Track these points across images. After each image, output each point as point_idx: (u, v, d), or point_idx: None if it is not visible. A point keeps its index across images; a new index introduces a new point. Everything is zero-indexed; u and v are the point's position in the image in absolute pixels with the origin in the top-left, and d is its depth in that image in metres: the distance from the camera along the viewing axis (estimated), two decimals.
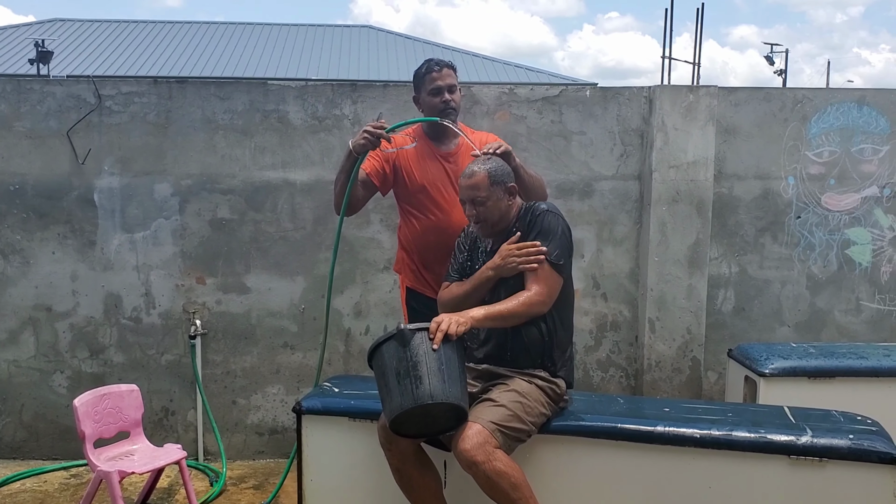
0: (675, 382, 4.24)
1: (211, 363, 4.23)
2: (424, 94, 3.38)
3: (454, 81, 3.37)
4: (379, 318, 4.23)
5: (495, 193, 2.86)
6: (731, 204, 4.28)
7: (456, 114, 3.37)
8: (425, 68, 3.39)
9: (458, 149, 3.40)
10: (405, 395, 2.55)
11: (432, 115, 3.36)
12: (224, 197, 4.13)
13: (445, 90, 3.33)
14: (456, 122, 3.39)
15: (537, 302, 2.77)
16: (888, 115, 4.22)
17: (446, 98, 3.32)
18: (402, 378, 2.57)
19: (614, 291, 4.30)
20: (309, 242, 4.16)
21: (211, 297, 4.19)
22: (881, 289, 4.33)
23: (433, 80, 3.34)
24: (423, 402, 2.51)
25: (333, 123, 4.09)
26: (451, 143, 3.40)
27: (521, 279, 2.82)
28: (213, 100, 4.07)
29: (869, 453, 2.67)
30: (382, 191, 3.48)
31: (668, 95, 4.11)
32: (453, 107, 3.34)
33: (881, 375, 3.51)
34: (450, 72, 3.37)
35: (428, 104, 3.38)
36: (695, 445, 2.78)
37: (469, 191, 2.86)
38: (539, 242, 2.80)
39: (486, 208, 2.86)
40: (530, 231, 2.85)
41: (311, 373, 4.20)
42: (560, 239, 2.84)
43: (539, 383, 2.83)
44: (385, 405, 2.65)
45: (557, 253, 2.82)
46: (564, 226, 2.89)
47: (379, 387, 2.68)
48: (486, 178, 2.84)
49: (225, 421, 4.27)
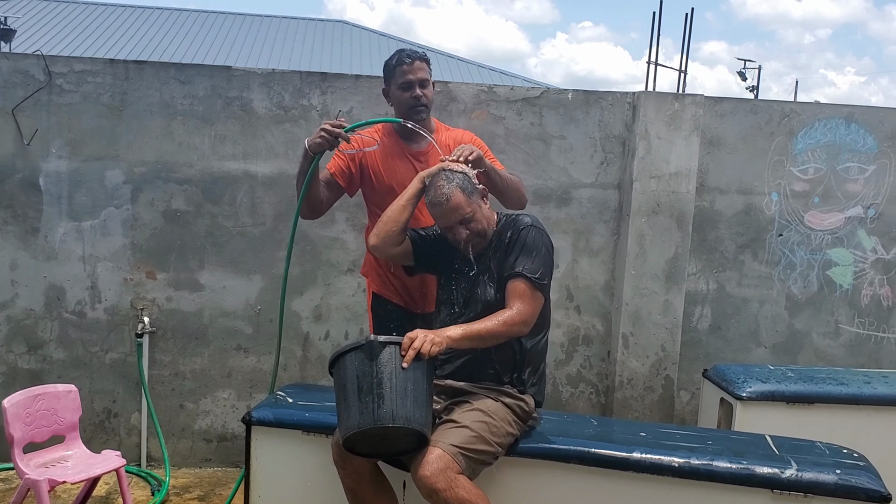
0: (646, 401, 4.08)
1: (158, 364, 3.97)
2: (394, 88, 3.15)
3: (426, 76, 3.14)
4: (340, 322, 4.00)
5: (476, 203, 2.69)
6: (712, 218, 4.12)
7: (427, 111, 3.16)
8: (396, 59, 3.14)
9: (430, 147, 3.17)
10: (364, 413, 2.34)
11: (401, 111, 3.14)
12: (180, 187, 3.87)
13: (416, 84, 3.10)
14: (428, 119, 3.19)
15: (519, 322, 2.57)
16: (876, 133, 4.09)
17: (417, 93, 3.10)
18: (364, 394, 2.36)
19: (588, 304, 4.13)
20: (268, 239, 3.92)
21: (161, 293, 3.92)
22: (861, 312, 4.20)
23: (404, 73, 3.11)
24: (383, 424, 2.31)
25: (300, 114, 3.86)
26: (422, 141, 3.17)
27: (500, 298, 2.64)
28: (172, 83, 3.82)
29: (856, 490, 2.53)
30: (349, 191, 3.26)
31: (652, 102, 3.95)
32: (424, 103, 3.12)
33: (861, 403, 3.39)
34: (422, 65, 3.13)
35: (397, 99, 3.15)
36: (673, 475, 2.63)
37: (452, 214, 2.66)
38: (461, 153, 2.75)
39: (476, 221, 2.68)
40: (513, 247, 2.66)
41: (266, 378, 3.96)
42: (544, 257, 2.66)
43: (506, 400, 2.64)
44: (341, 421, 2.44)
45: (541, 272, 2.63)
46: (548, 243, 2.71)
47: (337, 399, 2.47)
48: (461, 195, 2.65)
49: (171, 425, 4.01)
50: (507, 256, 2.65)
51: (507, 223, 2.75)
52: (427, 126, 3.20)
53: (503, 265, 2.66)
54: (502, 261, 2.67)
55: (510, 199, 3.14)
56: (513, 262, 2.63)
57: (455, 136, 3.27)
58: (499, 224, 2.77)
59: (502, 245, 2.69)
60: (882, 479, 2.63)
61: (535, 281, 2.61)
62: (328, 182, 3.19)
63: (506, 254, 2.66)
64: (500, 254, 2.69)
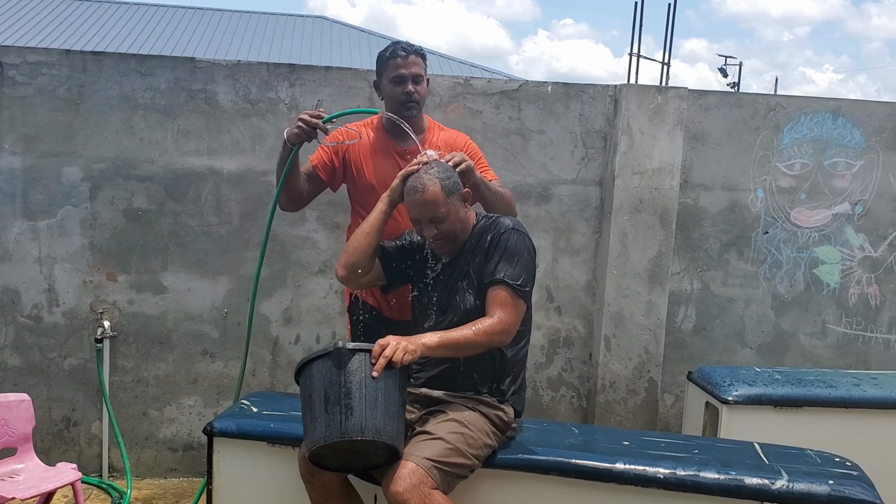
0: (629, 405, 3.94)
1: (120, 370, 3.78)
2: (386, 81, 3.01)
3: (421, 71, 3.01)
4: (311, 325, 3.83)
5: (454, 205, 2.52)
6: (696, 216, 3.99)
7: (419, 107, 3.03)
8: (390, 52, 3.00)
9: (421, 145, 3.00)
10: (331, 425, 2.18)
11: (392, 106, 3.00)
12: (141, 184, 3.68)
13: (409, 80, 2.97)
14: (420, 116, 3.05)
15: (500, 332, 2.42)
16: (863, 128, 3.98)
17: (409, 89, 2.96)
18: (331, 405, 2.20)
19: (569, 305, 3.98)
20: (235, 239, 3.74)
21: (122, 295, 3.74)
22: (848, 312, 4.09)
23: (397, 66, 2.97)
24: (350, 438, 2.15)
25: (267, 108, 3.68)
26: (410, 139, 3.00)
27: (480, 305, 2.48)
28: (132, 75, 3.63)
29: (850, 501, 2.40)
30: (332, 186, 3.12)
31: (634, 95, 3.81)
32: (416, 100, 2.98)
33: (850, 406, 3.28)
34: (417, 59, 3.00)
35: (389, 93, 3.01)
36: (658, 486, 2.49)
37: (424, 208, 2.50)
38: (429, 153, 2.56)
39: (448, 223, 2.52)
40: (494, 251, 2.50)
41: (232, 383, 3.79)
42: (526, 262, 2.51)
43: (484, 410, 2.49)
44: (307, 433, 2.28)
45: (523, 278, 2.49)
46: (531, 247, 2.56)
47: (303, 410, 2.32)
48: (440, 190, 2.49)
49: (134, 434, 3.83)
50: (488, 262, 2.50)
51: (486, 225, 2.59)
52: (419, 124, 3.07)
53: (483, 271, 2.50)
54: (482, 266, 2.51)
55: (498, 213, 2.96)
56: (493, 268, 2.48)
57: (448, 138, 3.11)
58: (477, 225, 2.61)
59: (482, 249, 2.54)
60: (875, 486, 2.52)
61: (517, 288, 2.46)
62: (310, 174, 3.06)
63: (486, 259, 2.51)
64: (479, 258, 2.53)
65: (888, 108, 4.01)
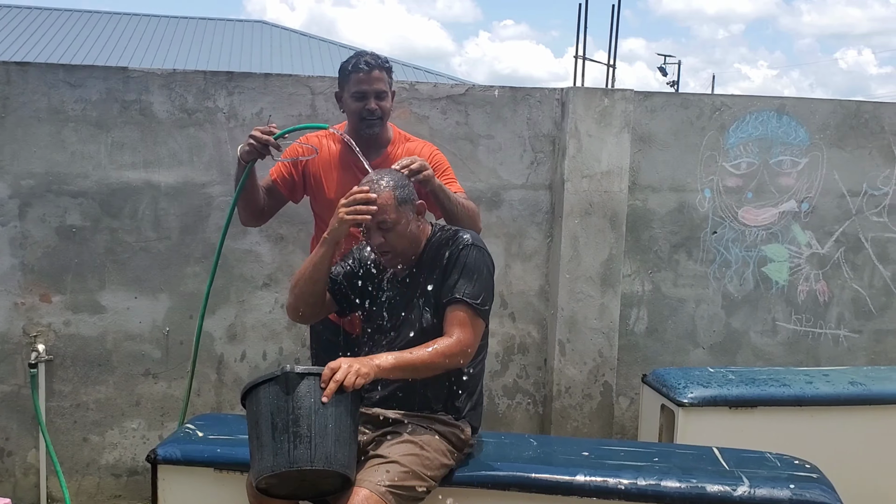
0: (585, 410, 3.91)
1: (58, 394, 3.61)
2: (347, 96, 2.89)
3: (384, 87, 2.89)
4: (257, 342, 3.71)
5: (405, 215, 2.41)
6: (646, 217, 3.98)
7: (382, 123, 2.91)
8: (352, 65, 2.87)
9: (385, 158, 2.94)
10: (279, 454, 2.08)
11: (352, 121, 2.90)
12: (74, 200, 3.52)
13: (372, 96, 2.84)
14: (384, 128, 2.95)
15: (458, 352, 2.33)
16: (807, 125, 4.01)
17: (371, 106, 2.85)
18: (279, 433, 2.10)
19: (523, 311, 3.93)
20: (175, 254, 3.60)
21: (58, 317, 3.57)
22: (798, 309, 4.12)
23: (359, 81, 2.85)
24: (299, 467, 2.05)
25: (205, 117, 3.55)
26: (374, 151, 2.92)
27: (438, 322, 2.40)
28: (61, 87, 3.47)
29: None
30: (293, 199, 3.03)
31: (581, 99, 3.78)
32: (379, 116, 2.87)
33: (804, 404, 3.29)
34: (381, 74, 2.87)
35: (350, 108, 2.89)
36: (620, 498, 2.45)
37: (374, 214, 2.37)
38: (368, 190, 2.36)
39: (396, 234, 2.40)
40: (452, 266, 2.41)
41: (177, 405, 3.64)
42: (486, 279, 2.43)
43: (440, 429, 2.41)
44: (254, 461, 2.18)
45: (483, 297, 2.41)
46: (490, 263, 2.49)
47: (250, 437, 2.21)
48: (391, 196, 2.38)
49: (74, 461, 3.66)
50: (446, 279, 2.41)
51: (444, 239, 2.49)
52: (384, 135, 2.98)
53: (442, 288, 2.42)
54: (440, 283, 2.42)
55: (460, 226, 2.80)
56: (452, 286, 2.39)
57: (415, 149, 3.00)
58: (434, 237, 2.51)
59: (440, 265, 2.44)
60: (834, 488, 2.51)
61: (476, 307, 2.39)
62: (270, 189, 2.96)
63: (444, 276, 2.42)
64: (437, 275, 2.44)
65: (831, 106, 4.06)
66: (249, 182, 2.82)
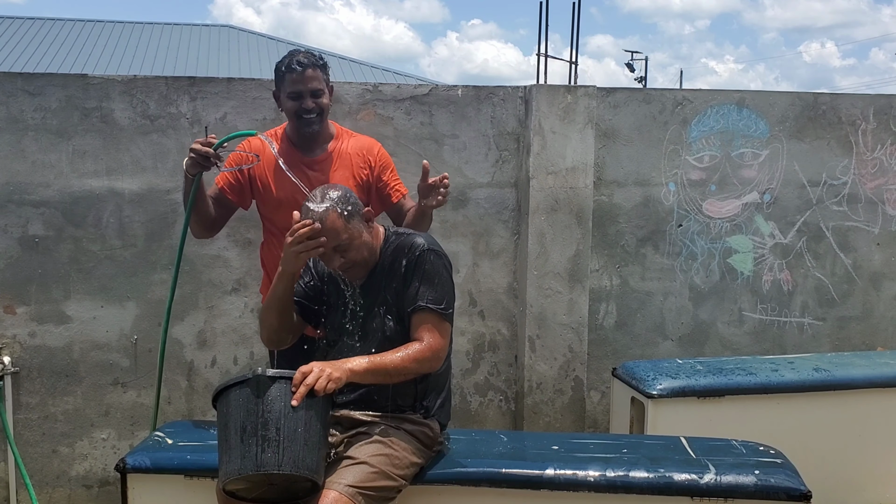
0: (557, 405, 3.94)
1: (25, 406, 3.57)
2: (283, 96, 2.91)
3: (320, 85, 2.90)
4: (227, 347, 3.70)
5: (356, 229, 2.38)
6: (612, 212, 4.02)
7: (320, 120, 2.93)
8: (285, 65, 2.89)
9: (326, 156, 2.95)
10: (247, 457, 2.08)
11: (292, 121, 2.93)
12: (36, 210, 3.48)
13: (307, 95, 2.87)
14: (324, 125, 2.97)
15: (430, 357, 2.35)
16: (767, 117, 4.07)
17: (307, 105, 2.87)
18: (248, 436, 2.10)
19: (492, 308, 3.95)
20: (141, 262, 3.58)
21: (23, 328, 3.53)
22: (763, 298, 4.18)
23: (293, 82, 2.88)
24: (266, 471, 2.05)
25: (168, 123, 3.53)
26: (317, 148, 2.95)
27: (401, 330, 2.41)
28: (20, 95, 3.43)
29: (777, 490, 2.44)
30: (243, 205, 3.02)
31: (544, 96, 3.80)
32: (315, 113, 2.89)
33: (770, 392, 3.34)
34: (315, 73, 2.89)
35: (286, 108, 2.92)
36: (589, 489, 2.48)
37: (326, 242, 2.34)
38: (311, 221, 2.30)
39: (354, 249, 2.38)
40: (412, 275, 2.41)
41: (147, 413, 3.62)
42: (446, 282, 2.44)
43: (409, 428, 2.42)
44: (221, 464, 2.17)
45: (446, 301, 2.42)
46: (448, 264, 2.49)
47: (219, 439, 2.21)
48: (338, 217, 2.33)
49: (44, 473, 3.62)
50: (407, 288, 2.41)
51: (399, 247, 2.47)
52: (326, 131, 3.00)
53: (403, 297, 2.42)
54: (401, 292, 2.43)
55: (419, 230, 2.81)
56: (415, 295, 2.39)
57: (361, 145, 3.04)
58: (387, 244, 2.50)
59: (397, 273, 2.44)
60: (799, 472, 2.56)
61: (441, 312, 2.40)
62: (217, 198, 2.95)
63: (404, 285, 2.42)
64: (396, 283, 2.44)
65: (789, 98, 4.12)
66: (199, 195, 2.80)
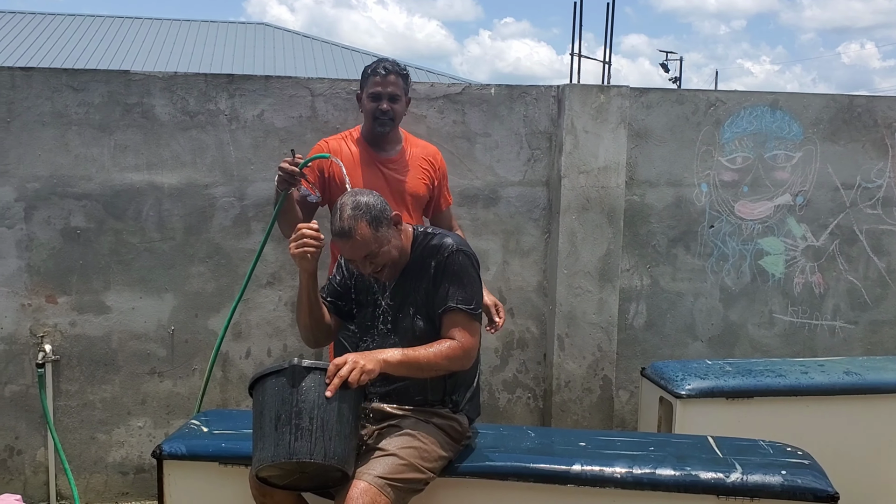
0: (585, 403, 3.96)
1: (65, 394, 3.67)
2: (364, 96, 3.19)
3: (399, 91, 3.18)
4: (262, 339, 3.77)
5: (385, 236, 2.42)
6: (643, 212, 4.02)
7: (393, 123, 3.19)
8: (371, 68, 3.21)
9: (402, 156, 3.21)
10: (279, 444, 2.14)
11: (368, 121, 3.20)
12: (78, 203, 3.58)
13: (385, 98, 3.16)
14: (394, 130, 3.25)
15: (462, 356, 2.40)
16: (801, 120, 4.05)
17: (383, 107, 3.15)
18: (282, 424, 2.15)
19: (521, 306, 3.98)
20: (179, 254, 3.66)
21: (64, 318, 3.63)
22: (794, 301, 4.16)
23: (375, 84, 3.17)
24: (298, 459, 2.11)
25: (207, 119, 3.61)
26: (392, 148, 3.22)
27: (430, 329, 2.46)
28: (65, 91, 3.53)
29: (803, 491, 2.43)
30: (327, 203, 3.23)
31: (577, 95, 3.82)
32: (390, 116, 3.18)
33: (800, 394, 3.32)
34: (396, 80, 3.18)
35: (365, 107, 3.20)
36: (615, 486, 2.50)
37: (354, 251, 2.38)
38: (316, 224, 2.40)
39: (383, 256, 2.42)
40: (441, 276, 2.45)
41: (183, 402, 3.71)
42: (475, 282, 2.48)
43: (438, 422, 2.46)
44: (255, 450, 2.23)
45: (476, 301, 2.46)
46: (475, 263, 2.53)
47: (254, 427, 2.27)
48: (367, 227, 2.36)
49: (82, 459, 3.72)
50: (437, 289, 2.45)
51: (428, 249, 2.50)
52: (395, 136, 3.28)
53: (433, 298, 2.46)
54: (430, 293, 2.46)
55: None
56: (445, 296, 2.43)
57: (427, 151, 3.34)
58: (416, 244, 2.53)
59: (427, 274, 2.48)
60: (826, 474, 2.56)
61: (471, 312, 2.44)
62: (301, 203, 3.16)
63: (434, 286, 2.46)
64: (425, 284, 2.48)
65: (823, 100, 4.10)
66: (287, 205, 3.04)
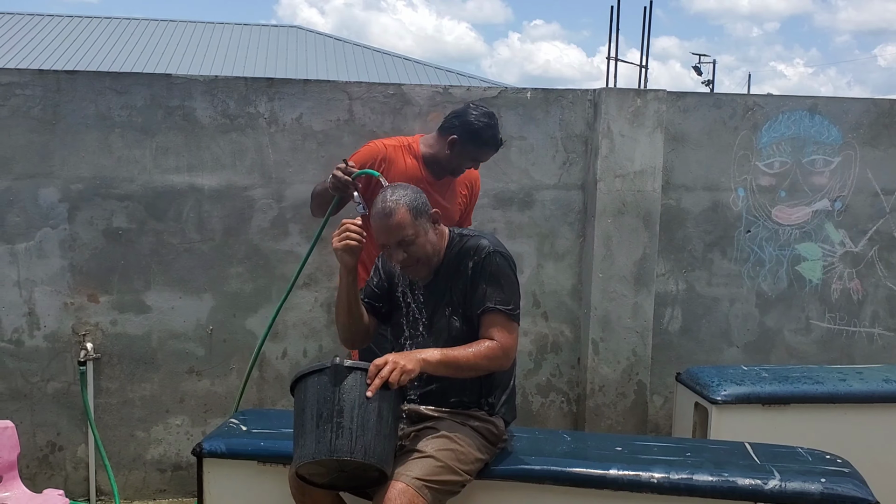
0: (619, 408, 3.95)
1: (105, 391, 3.74)
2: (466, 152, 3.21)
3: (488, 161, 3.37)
4: (298, 340, 3.81)
5: (422, 227, 2.46)
6: (679, 217, 4.01)
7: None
8: (489, 137, 3.21)
9: (448, 182, 3.30)
10: (321, 442, 2.17)
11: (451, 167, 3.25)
12: (121, 204, 3.64)
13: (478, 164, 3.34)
14: None
15: (501, 356, 2.43)
16: (840, 124, 4.01)
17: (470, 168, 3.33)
18: (323, 422, 2.19)
19: (555, 310, 3.98)
20: (218, 255, 3.71)
21: (105, 316, 3.69)
22: (831, 307, 4.12)
23: (484, 154, 3.27)
24: (339, 457, 2.14)
25: (247, 122, 3.66)
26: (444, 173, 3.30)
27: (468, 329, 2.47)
28: (108, 94, 3.59)
29: (843, 499, 2.42)
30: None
31: (614, 99, 3.82)
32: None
33: (837, 402, 3.29)
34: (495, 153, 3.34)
35: (459, 160, 3.24)
36: (652, 491, 2.49)
37: (391, 233, 2.42)
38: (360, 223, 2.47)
39: (417, 247, 2.45)
40: (479, 277, 2.47)
41: (220, 401, 3.76)
42: (513, 283, 2.50)
43: (474, 424, 2.48)
44: (296, 447, 2.27)
45: (514, 302, 2.48)
46: (513, 264, 2.55)
47: (295, 424, 2.30)
48: (407, 212, 2.42)
49: (121, 456, 3.78)
50: (475, 290, 2.47)
51: (464, 249, 2.52)
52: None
53: (471, 299, 2.48)
54: (468, 294, 2.48)
55: None
56: (483, 297, 2.46)
57: (468, 178, 3.41)
58: (452, 245, 2.55)
59: (463, 274, 2.50)
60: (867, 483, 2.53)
61: (509, 313, 2.46)
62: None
63: (472, 287, 2.48)
64: (462, 284, 2.50)
65: (863, 105, 4.05)
66: (337, 210, 3.18)
